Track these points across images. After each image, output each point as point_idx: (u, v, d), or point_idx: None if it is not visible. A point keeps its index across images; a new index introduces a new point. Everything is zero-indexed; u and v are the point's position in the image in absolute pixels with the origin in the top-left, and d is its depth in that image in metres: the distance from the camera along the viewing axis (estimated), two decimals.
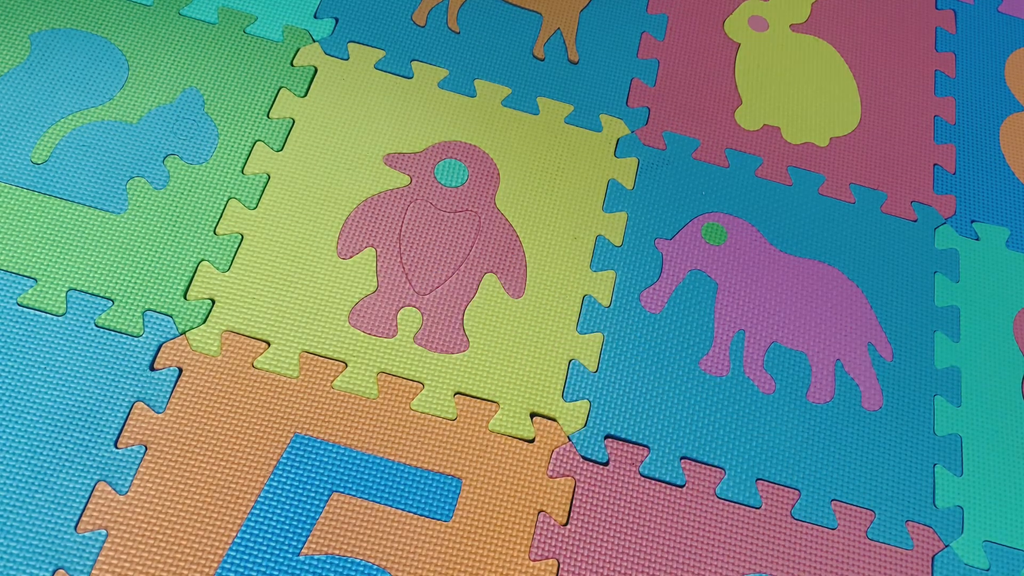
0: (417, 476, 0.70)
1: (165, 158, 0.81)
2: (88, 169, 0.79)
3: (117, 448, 0.68)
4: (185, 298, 0.74)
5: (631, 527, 0.70)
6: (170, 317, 0.73)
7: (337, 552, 0.66)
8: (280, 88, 0.86)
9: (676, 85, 0.93)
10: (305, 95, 0.86)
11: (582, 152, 0.87)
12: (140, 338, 0.72)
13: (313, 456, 0.69)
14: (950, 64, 0.99)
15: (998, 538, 0.73)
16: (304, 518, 0.67)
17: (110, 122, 0.82)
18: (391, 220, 0.81)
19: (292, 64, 0.88)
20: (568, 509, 0.70)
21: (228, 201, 0.80)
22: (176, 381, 0.71)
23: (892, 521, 0.73)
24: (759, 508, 0.72)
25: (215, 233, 0.78)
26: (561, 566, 0.68)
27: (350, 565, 0.66)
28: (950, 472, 0.75)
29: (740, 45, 0.98)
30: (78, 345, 0.71)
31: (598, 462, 0.72)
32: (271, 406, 0.71)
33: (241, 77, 0.86)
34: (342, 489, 0.68)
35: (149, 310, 0.73)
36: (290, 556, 0.66)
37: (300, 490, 0.68)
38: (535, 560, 0.68)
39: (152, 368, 0.71)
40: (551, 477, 0.71)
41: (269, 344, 0.73)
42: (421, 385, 0.73)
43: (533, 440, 0.72)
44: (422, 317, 0.76)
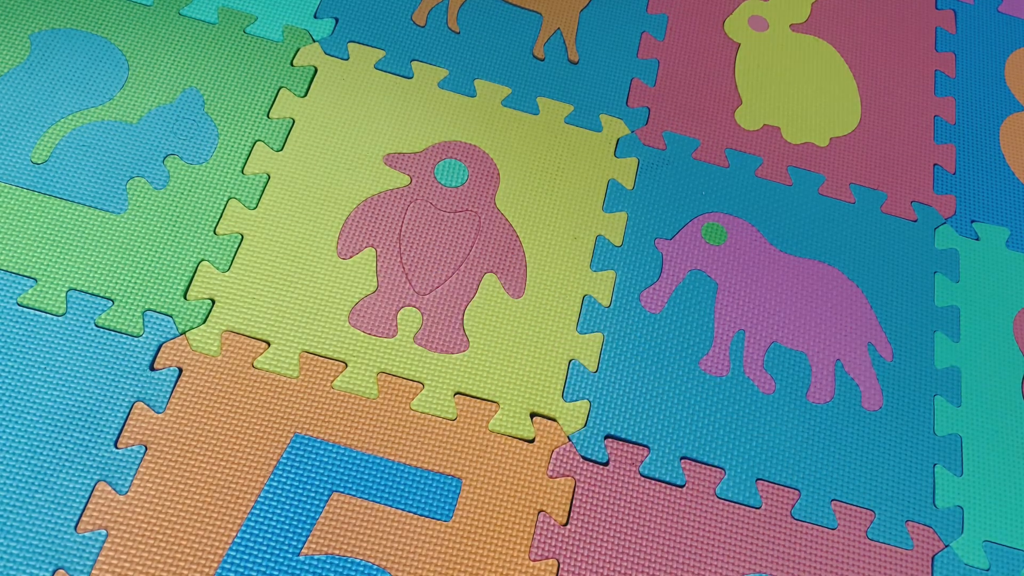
0: (417, 476, 0.70)
1: (165, 158, 0.81)
2: (88, 169, 0.79)
3: (117, 448, 0.68)
4: (185, 298, 0.74)
5: (631, 527, 0.70)
6: (170, 317, 0.73)
7: (337, 552, 0.66)
8: (280, 88, 0.86)
9: (676, 85, 0.93)
10: (305, 95, 0.86)
11: (582, 152, 0.87)
12: (140, 338, 0.72)
13: (313, 456, 0.69)
14: (950, 64, 0.99)
15: (998, 538, 0.73)
16: (304, 518, 0.67)
17: (110, 122, 0.82)
18: (391, 220, 0.81)
19: (292, 64, 0.88)
20: (568, 509, 0.70)
21: (228, 201, 0.80)
22: (176, 381, 0.71)
23: (892, 521, 0.73)
24: (759, 508, 0.72)
25: (215, 233, 0.78)
26: (561, 566, 0.68)
27: (350, 565, 0.66)
28: (950, 472, 0.75)
29: (740, 45, 0.98)
30: (78, 345, 0.71)
31: (598, 462, 0.72)
32: (271, 406, 0.71)
33: (241, 77, 0.86)
34: (342, 489, 0.68)
35: (149, 310, 0.73)
36: (290, 556, 0.66)
37: (300, 490, 0.68)
38: (535, 560, 0.68)
39: (152, 368, 0.71)
40: (551, 477, 0.71)
41: (269, 344, 0.73)
42: (421, 385, 0.73)
43: (533, 440, 0.72)
44: (422, 317, 0.76)
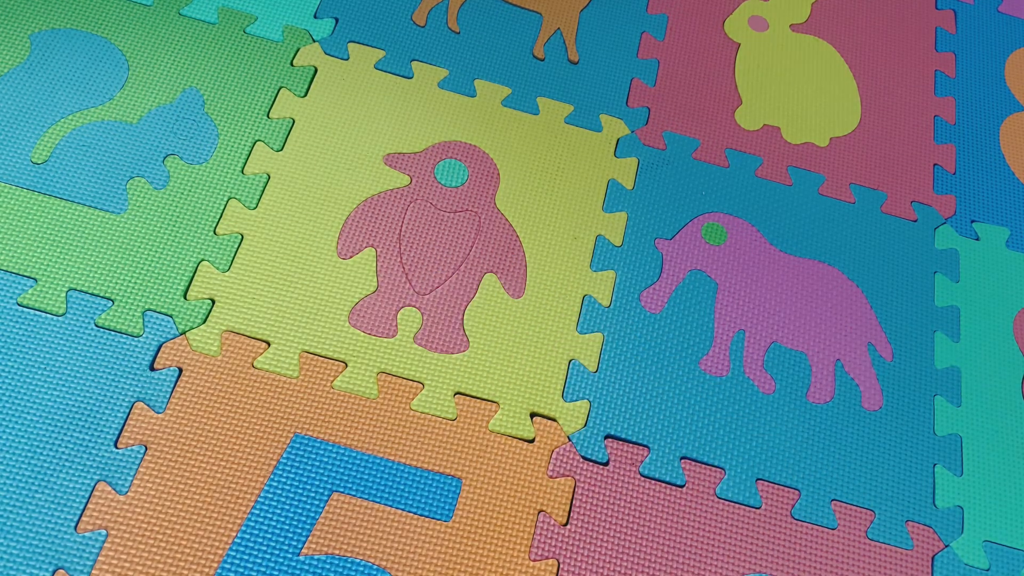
0: (417, 476, 0.70)
1: (165, 158, 0.81)
2: (88, 169, 0.79)
3: (117, 448, 0.68)
4: (185, 298, 0.74)
5: (631, 527, 0.70)
6: (170, 317, 0.73)
7: (337, 552, 0.66)
8: (280, 88, 0.86)
9: (676, 85, 0.93)
10: (305, 95, 0.86)
11: (582, 152, 0.87)
12: (140, 338, 0.72)
13: (313, 456, 0.69)
14: (950, 64, 0.99)
15: (998, 538, 0.73)
16: (304, 518, 0.67)
17: (110, 122, 0.82)
18: (391, 220, 0.81)
19: (292, 64, 0.88)
20: (568, 509, 0.70)
21: (228, 201, 0.80)
22: (176, 381, 0.71)
23: (892, 521, 0.73)
24: (759, 508, 0.72)
25: (215, 233, 0.78)
26: (561, 566, 0.68)
27: (350, 565, 0.66)
28: (950, 472, 0.75)
29: (740, 45, 0.98)
30: (78, 345, 0.71)
31: (598, 462, 0.72)
32: (271, 406, 0.71)
33: (241, 77, 0.86)
34: (342, 489, 0.68)
35: (149, 310, 0.73)
36: (290, 556, 0.66)
37: (300, 490, 0.68)
38: (535, 560, 0.68)
39: (152, 368, 0.71)
40: (551, 477, 0.71)
41: (269, 344, 0.73)
42: (421, 385, 0.73)
43: (533, 440, 0.72)
44: (422, 317, 0.76)
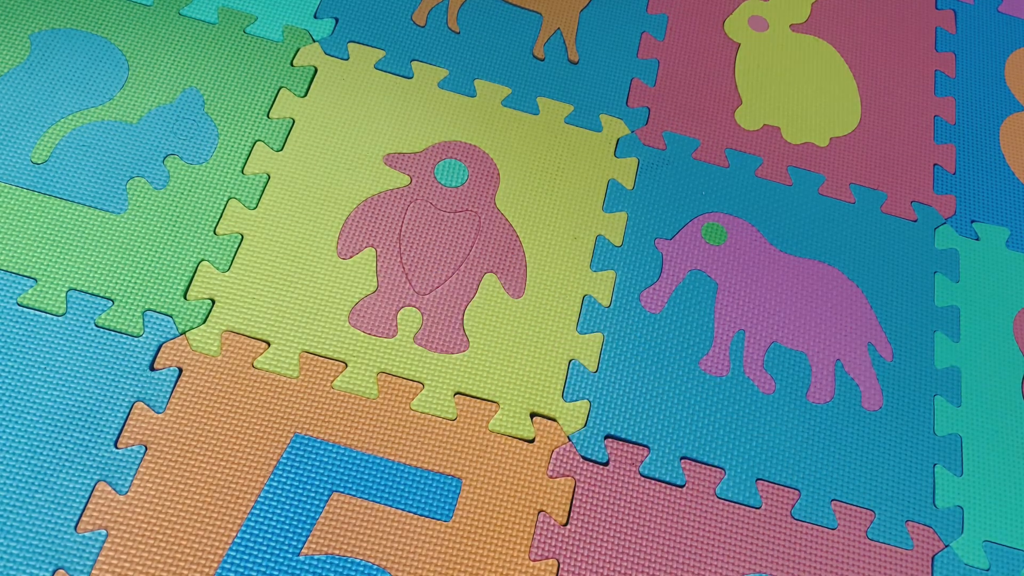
0: (417, 476, 0.70)
1: (165, 158, 0.81)
2: (88, 169, 0.79)
3: (117, 448, 0.68)
4: (185, 298, 0.74)
5: (631, 527, 0.70)
6: (170, 317, 0.73)
7: (337, 552, 0.66)
8: (280, 88, 0.86)
9: (676, 85, 0.93)
10: (305, 95, 0.86)
11: (582, 152, 0.87)
12: (140, 338, 0.72)
13: (313, 456, 0.69)
14: (950, 64, 0.99)
15: (998, 538, 0.73)
16: (304, 518, 0.67)
17: (110, 122, 0.82)
18: (391, 220, 0.81)
19: (292, 64, 0.88)
20: (568, 509, 0.70)
21: (228, 201, 0.80)
22: (176, 381, 0.71)
23: (892, 521, 0.73)
24: (759, 508, 0.72)
25: (215, 233, 0.78)
26: (561, 566, 0.68)
27: (350, 565, 0.66)
28: (950, 472, 0.75)
29: (740, 45, 0.98)
30: (78, 345, 0.71)
31: (598, 462, 0.72)
32: (271, 406, 0.71)
33: (241, 77, 0.86)
34: (342, 489, 0.68)
35: (149, 310, 0.73)
36: (290, 556, 0.66)
37: (300, 490, 0.68)
38: (535, 560, 0.68)
39: (152, 368, 0.71)
40: (551, 477, 0.71)
41: (269, 344, 0.73)
42: (421, 385, 0.73)
43: (533, 440, 0.72)
44: (422, 317, 0.76)
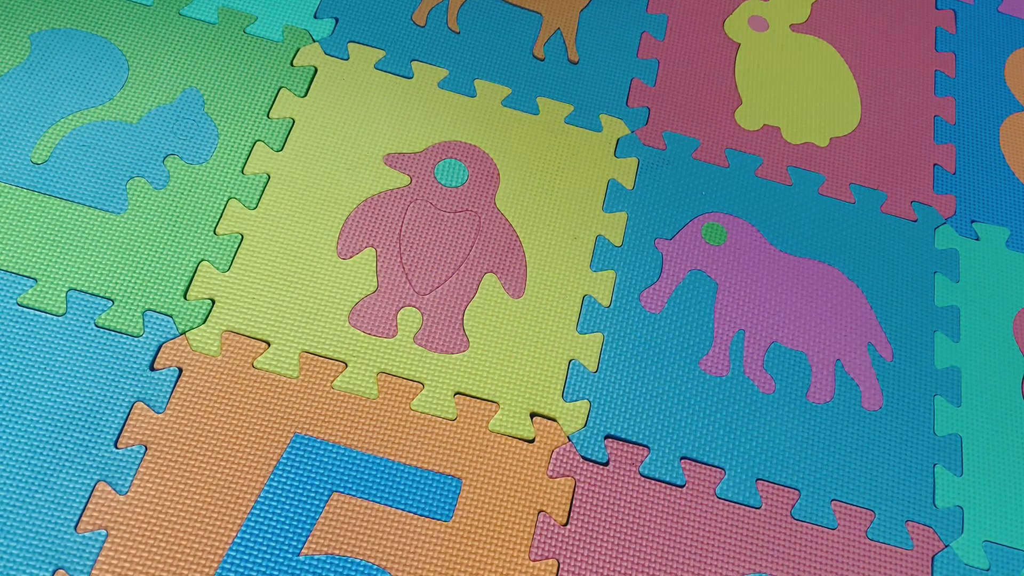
0: (417, 476, 0.70)
1: (165, 158, 0.81)
2: (88, 169, 0.79)
3: (117, 448, 0.68)
4: (185, 298, 0.74)
5: (631, 527, 0.70)
6: (170, 317, 0.73)
7: (337, 552, 0.66)
8: (280, 88, 0.86)
9: (676, 85, 0.93)
10: (305, 95, 0.86)
11: (582, 152, 0.87)
12: (140, 338, 0.72)
13: (313, 456, 0.69)
14: (950, 64, 0.99)
15: (998, 538, 0.73)
16: (304, 518, 0.67)
17: (110, 122, 0.82)
18: (391, 220, 0.81)
19: (292, 64, 0.88)
20: (568, 509, 0.70)
21: (228, 201, 0.80)
22: (176, 381, 0.71)
23: (892, 521, 0.73)
24: (759, 508, 0.72)
25: (215, 233, 0.78)
26: (561, 566, 0.68)
27: (350, 565, 0.66)
28: (950, 472, 0.75)
29: (740, 45, 0.98)
30: (78, 345, 0.71)
31: (598, 462, 0.72)
32: (271, 406, 0.71)
33: (241, 77, 0.86)
34: (342, 489, 0.68)
35: (149, 310, 0.73)
36: (290, 556, 0.66)
37: (300, 490, 0.68)
38: (535, 560, 0.68)
39: (152, 368, 0.71)
40: (551, 477, 0.71)
41: (269, 344, 0.73)
42: (421, 385, 0.73)
43: (533, 440, 0.72)
44: (422, 317, 0.76)
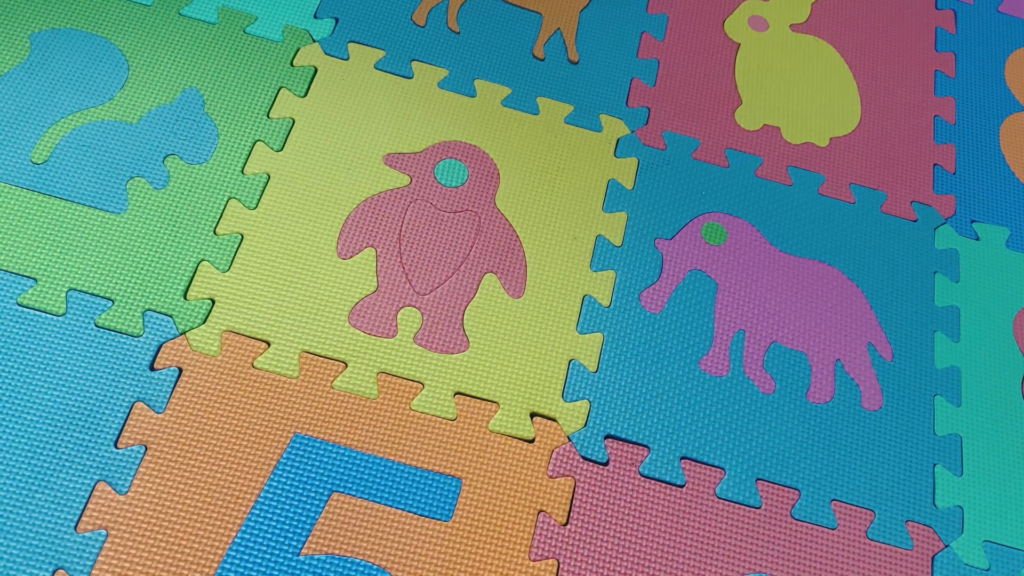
0: (417, 476, 0.70)
1: (165, 158, 0.81)
2: (88, 169, 0.79)
3: (117, 448, 0.68)
4: (185, 298, 0.74)
5: (631, 527, 0.70)
6: (170, 317, 0.73)
7: (337, 552, 0.66)
8: (280, 88, 0.86)
9: (676, 85, 0.93)
10: (305, 95, 0.86)
11: (582, 152, 0.87)
12: (140, 338, 0.72)
13: (313, 456, 0.69)
14: (950, 64, 0.99)
15: (998, 538, 0.73)
16: (304, 518, 0.67)
17: (110, 122, 0.82)
18: (391, 220, 0.81)
19: (292, 64, 0.88)
20: (568, 509, 0.70)
21: (228, 201, 0.80)
22: (176, 381, 0.71)
23: (892, 521, 0.73)
24: (759, 508, 0.72)
25: (215, 233, 0.78)
26: (561, 566, 0.68)
27: (350, 565, 0.66)
28: (950, 472, 0.75)
29: (740, 45, 0.98)
30: (78, 345, 0.71)
31: (598, 462, 0.72)
32: (271, 406, 0.71)
33: (241, 77, 0.86)
34: (342, 489, 0.68)
35: (149, 310, 0.73)
36: (290, 556, 0.66)
37: (300, 490, 0.68)
38: (535, 560, 0.68)
39: (152, 368, 0.71)
40: (551, 477, 0.71)
41: (269, 344, 0.73)
42: (421, 385, 0.73)
43: (533, 440, 0.72)
44: (422, 317, 0.76)
